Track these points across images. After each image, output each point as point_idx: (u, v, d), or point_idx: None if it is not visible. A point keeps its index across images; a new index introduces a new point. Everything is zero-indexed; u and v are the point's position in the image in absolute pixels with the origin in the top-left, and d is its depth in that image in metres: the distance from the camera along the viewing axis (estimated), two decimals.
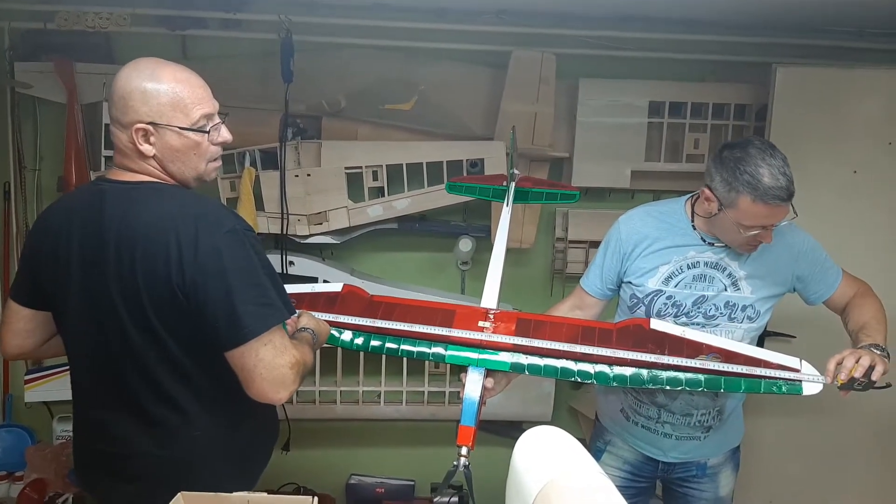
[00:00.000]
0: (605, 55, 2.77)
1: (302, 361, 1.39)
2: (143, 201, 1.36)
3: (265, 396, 1.34)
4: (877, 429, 2.75)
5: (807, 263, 1.84)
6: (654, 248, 1.82)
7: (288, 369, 1.34)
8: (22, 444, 2.85)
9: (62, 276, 1.41)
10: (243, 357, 1.32)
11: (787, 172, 1.69)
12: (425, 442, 3.02)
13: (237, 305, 1.30)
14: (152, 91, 1.33)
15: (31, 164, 2.80)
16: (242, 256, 1.33)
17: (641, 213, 1.89)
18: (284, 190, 2.66)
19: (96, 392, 1.47)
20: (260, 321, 1.31)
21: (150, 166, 1.39)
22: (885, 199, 2.64)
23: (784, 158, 1.71)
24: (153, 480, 1.42)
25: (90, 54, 2.64)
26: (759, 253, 1.77)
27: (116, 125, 1.37)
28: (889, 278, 2.66)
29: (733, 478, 2.02)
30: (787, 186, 1.68)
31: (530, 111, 2.69)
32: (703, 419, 1.86)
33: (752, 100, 2.78)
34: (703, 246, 1.79)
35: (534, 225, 2.85)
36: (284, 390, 1.35)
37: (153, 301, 1.33)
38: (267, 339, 1.32)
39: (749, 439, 2.74)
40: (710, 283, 1.79)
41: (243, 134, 2.63)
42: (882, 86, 2.61)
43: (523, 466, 0.90)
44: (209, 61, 2.68)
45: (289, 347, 1.36)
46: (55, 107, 2.70)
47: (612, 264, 1.89)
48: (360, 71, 2.71)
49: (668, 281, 1.81)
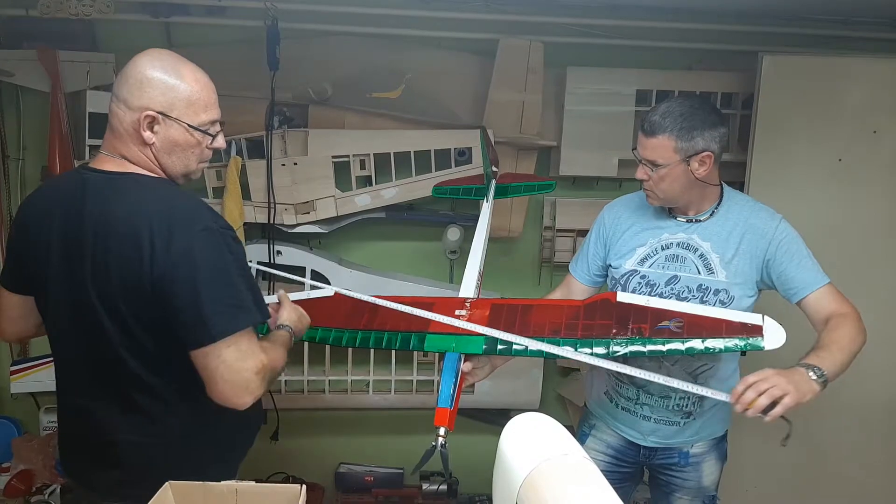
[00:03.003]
0: (593, 43, 2.76)
1: (269, 367, 1.37)
2: (122, 193, 1.35)
3: (226, 400, 1.33)
4: (863, 417, 2.78)
5: (781, 252, 1.77)
6: (633, 230, 1.87)
7: (252, 374, 1.33)
8: (8, 436, 2.83)
9: (42, 262, 1.42)
10: (206, 358, 1.30)
11: (671, 110, 1.69)
12: (414, 430, 3.01)
13: (205, 305, 1.29)
14: (172, 84, 1.37)
15: (14, 154, 2.76)
16: (216, 255, 1.32)
17: (625, 199, 1.95)
18: (271, 179, 2.64)
19: (76, 379, 1.47)
20: (227, 322, 1.30)
21: (142, 154, 1.40)
22: (870, 187, 2.65)
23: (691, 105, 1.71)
24: (137, 466, 1.42)
25: (74, 42, 2.60)
26: (727, 233, 1.77)
27: (123, 105, 1.37)
28: (874, 265, 2.70)
29: (718, 467, 1.99)
30: (654, 119, 1.70)
31: (518, 100, 2.68)
32: (681, 403, 1.86)
33: (738, 88, 2.78)
34: (675, 226, 1.82)
35: (522, 214, 2.85)
36: (247, 395, 1.33)
37: (127, 294, 1.33)
38: (232, 342, 1.30)
39: (735, 427, 2.79)
40: (683, 263, 1.80)
41: (229, 123, 2.57)
42: (867, 74, 2.62)
43: (510, 453, 0.90)
44: (193, 49, 2.63)
45: (256, 352, 1.34)
46: (38, 95, 2.66)
47: (596, 250, 1.95)
48: (347, 59, 2.69)
49: (643, 262, 1.84)
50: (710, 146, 1.70)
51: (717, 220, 1.80)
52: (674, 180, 1.73)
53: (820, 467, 2.81)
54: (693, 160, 1.70)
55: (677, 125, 1.68)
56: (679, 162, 1.70)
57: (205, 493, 1.15)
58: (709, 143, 1.69)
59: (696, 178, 1.72)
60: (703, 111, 1.71)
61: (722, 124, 1.74)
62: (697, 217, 1.82)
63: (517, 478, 0.84)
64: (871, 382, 2.76)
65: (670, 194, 1.76)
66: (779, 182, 2.66)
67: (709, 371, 1.84)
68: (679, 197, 1.78)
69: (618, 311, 1.64)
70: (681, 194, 1.77)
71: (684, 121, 1.68)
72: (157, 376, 1.40)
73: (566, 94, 2.75)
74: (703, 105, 1.74)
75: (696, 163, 1.70)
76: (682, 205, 1.81)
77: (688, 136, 1.68)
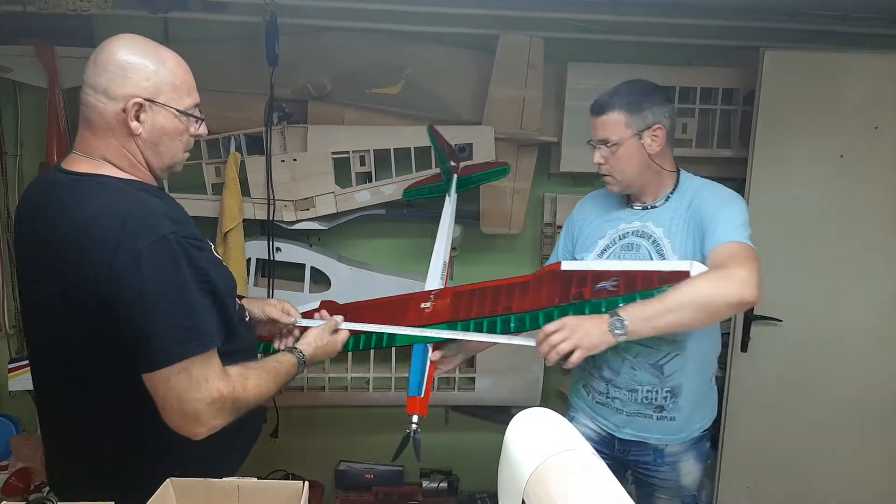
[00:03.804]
0: (594, 39, 2.75)
1: (233, 397, 1.25)
2: (82, 197, 1.25)
3: (178, 428, 1.23)
4: (864, 413, 2.78)
5: (705, 214, 1.70)
6: (595, 223, 1.91)
7: (204, 405, 1.22)
8: (6, 434, 2.83)
9: (20, 264, 1.38)
10: (154, 383, 1.20)
11: (618, 90, 1.76)
12: None
13: (150, 326, 1.17)
14: (155, 69, 1.28)
15: (11, 150, 2.75)
16: (168, 270, 1.19)
17: (593, 195, 1.99)
18: (270, 175, 2.63)
19: (50, 390, 1.40)
20: (174, 347, 1.18)
21: (123, 150, 1.30)
22: (871, 183, 2.65)
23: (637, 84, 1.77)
24: (119, 481, 1.26)
25: (71, 38, 2.59)
26: (679, 217, 1.76)
27: (103, 96, 1.26)
28: (876, 261, 2.70)
29: (697, 467, 1.94)
30: (603, 100, 1.77)
31: (518, 95, 2.67)
32: (650, 396, 1.84)
33: (739, 84, 2.77)
34: (631, 215, 1.84)
35: (522, 210, 2.84)
36: (198, 426, 1.23)
37: (82, 306, 1.22)
38: (182, 368, 1.19)
39: (734, 423, 2.79)
40: (637, 251, 1.80)
41: (228, 119, 2.62)
42: (869, 70, 2.61)
43: (516, 448, 0.89)
44: (192, 44, 2.63)
45: (211, 379, 1.22)
46: (36, 91, 2.65)
47: (566, 245, 2.00)
48: (347, 54, 2.68)
49: (602, 253, 1.86)
50: (661, 119, 1.74)
51: (671, 205, 1.80)
52: (629, 158, 1.76)
53: (820, 463, 2.81)
54: (645, 134, 1.74)
55: (625, 100, 1.74)
56: (631, 136, 1.74)
57: (206, 490, 1.14)
58: (659, 116, 1.74)
59: (650, 154, 1.75)
60: (648, 88, 1.77)
61: (669, 102, 1.80)
62: (653, 204, 1.83)
63: (524, 473, 0.84)
64: (872, 378, 2.76)
65: (627, 175, 1.79)
66: (780, 179, 2.66)
67: (673, 361, 1.80)
68: (636, 178, 1.80)
69: (562, 280, 1.70)
70: (637, 175, 1.79)
71: (632, 96, 1.75)
72: (130, 386, 1.27)
73: (567, 90, 2.74)
74: (649, 84, 1.80)
75: (649, 137, 1.74)
76: (639, 189, 1.82)
77: (637, 110, 1.73)
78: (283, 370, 1.46)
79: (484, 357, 2.86)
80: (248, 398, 1.31)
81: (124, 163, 1.31)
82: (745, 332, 2.74)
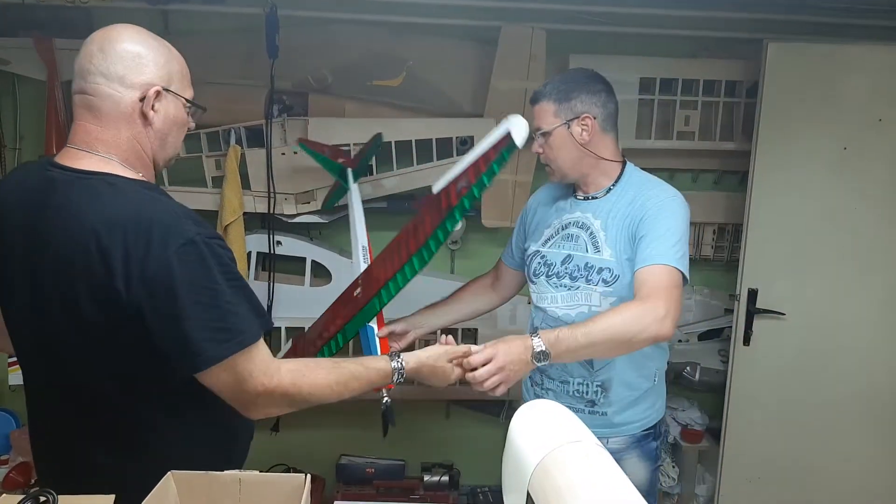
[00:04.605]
0: (596, 31, 2.74)
1: (279, 391, 1.24)
2: (94, 198, 1.18)
3: (243, 414, 1.28)
4: (865, 407, 2.77)
5: (643, 225, 1.68)
6: (543, 213, 1.91)
7: (253, 397, 1.23)
8: (7, 428, 2.83)
9: (6, 271, 1.27)
10: (207, 380, 1.21)
11: (554, 79, 1.78)
12: (415, 422, 3.01)
13: (190, 332, 1.16)
14: (167, 58, 1.26)
15: (10, 144, 2.74)
16: (199, 274, 1.16)
17: (547, 186, 1.97)
18: (271, 168, 2.62)
19: (44, 401, 1.36)
20: (212, 350, 1.18)
21: (134, 142, 1.25)
22: (874, 176, 2.64)
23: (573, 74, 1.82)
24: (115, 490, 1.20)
25: (70, 30, 2.58)
26: (617, 210, 1.74)
27: (117, 84, 1.21)
28: (879, 254, 2.69)
29: (643, 468, 1.85)
30: (538, 89, 1.79)
31: (520, 87, 2.65)
32: (581, 389, 1.81)
33: (743, 76, 2.76)
34: (574, 205, 1.83)
35: (523, 204, 2.82)
36: (255, 412, 1.26)
37: (98, 313, 1.18)
38: (225, 367, 1.19)
39: (734, 415, 2.79)
40: (576, 242, 1.79)
41: (228, 111, 2.60)
42: (872, 62, 2.60)
43: (521, 439, 0.88)
44: (192, 36, 2.62)
45: (255, 374, 1.22)
46: (35, 84, 2.64)
47: (519, 233, 2.02)
48: (347, 46, 2.66)
49: (546, 242, 1.86)
50: (590, 109, 1.73)
51: (611, 197, 1.78)
52: (560, 147, 1.75)
53: (822, 457, 2.81)
54: (574, 124, 1.73)
55: (554, 90, 1.74)
56: (560, 125, 1.73)
57: (208, 484, 1.12)
58: (588, 106, 1.73)
59: (581, 143, 1.73)
60: (583, 78, 1.77)
61: (605, 92, 1.76)
62: (595, 195, 1.81)
63: (529, 464, 0.83)
64: (875, 371, 2.76)
65: (562, 164, 1.78)
66: (783, 171, 2.65)
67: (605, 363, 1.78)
68: (572, 168, 1.78)
69: (435, 201, 1.77)
70: (572, 165, 1.77)
71: (562, 84, 1.75)
72: (131, 396, 1.26)
73: None
74: (585, 74, 1.79)
75: (578, 126, 1.73)
76: (577, 179, 1.81)
77: (565, 99, 1.73)
78: (365, 375, 1.41)
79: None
80: (302, 396, 1.29)
81: (132, 157, 1.26)
82: (748, 325, 2.74)
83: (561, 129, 1.73)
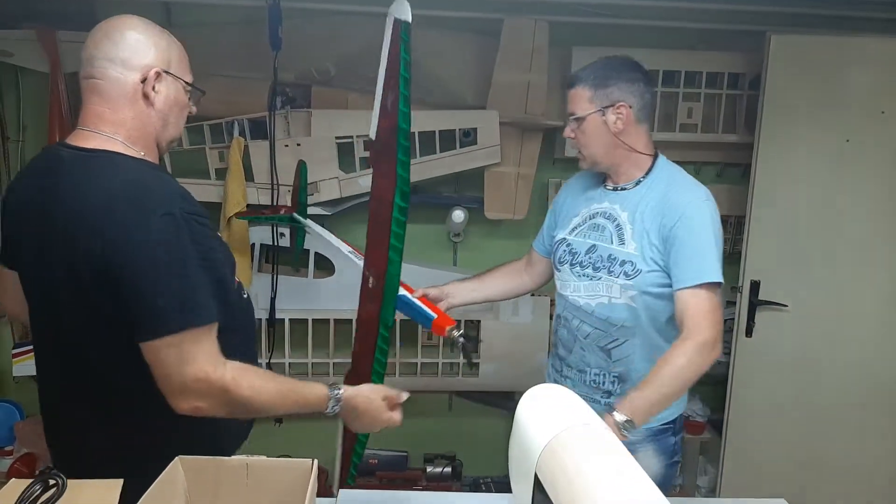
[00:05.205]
0: (599, 23, 2.74)
1: (219, 384, 1.23)
2: (96, 174, 1.27)
3: (167, 398, 1.23)
4: (867, 399, 2.78)
5: (677, 235, 1.64)
6: (573, 201, 1.89)
7: (189, 382, 1.21)
8: (11, 420, 2.84)
9: (21, 240, 1.36)
10: (147, 353, 1.21)
11: (592, 64, 1.74)
12: (418, 413, 3.02)
13: (147, 297, 1.19)
14: (166, 43, 1.35)
15: (14, 136, 2.74)
16: (174, 243, 1.21)
17: (580, 174, 1.94)
18: (274, 160, 2.62)
19: (49, 370, 1.41)
20: (171, 316, 1.19)
21: (137, 121, 1.32)
22: (877, 168, 2.64)
23: (612, 61, 1.75)
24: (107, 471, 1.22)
25: (73, 22, 2.57)
26: (645, 204, 1.72)
27: (120, 67, 1.30)
28: (881, 246, 2.69)
29: (658, 462, 1.81)
30: (575, 73, 1.76)
31: (523, 80, 2.66)
32: (598, 379, 1.80)
33: (745, 68, 2.76)
34: (602, 195, 1.81)
35: (526, 196, 2.83)
36: (183, 402, 1.22)
37: (91, 283, 1.23)
38: (172, 342, 1.20)
39: (736, 406, 2.80)
40: (602, 232, 1.77)
41: (231, 103, 2.61)
42: (875, 54, 2.60)
43: (529, 422, 0.89)
44: (195, 29, 2.62)
45: (200, 359, 1.21)
46: (38, 76, 2.64)
47: (549, 222, 2.00)
48: (350, 38, 2.66)
49: (573, 231, 1.85)
50: (626, 98, 1.69)
51: (640, 189, 1.75)
52: (592, 134, 1.72)
53: (823, 448, 2.82)
54: (609, 112, 1.69)
55: (592, 75, 1.71)
56: (594, 112, 1.70)
57: (216, 468, 1.14)
58: (624, 94, 1.69)
59: (614, 133, 1.70)
60: (622, 65, 1.73)
61: (643, 81, 1.73)
62: (624, 186, 1.78)
63: (537, 446, 0.83)
64: (877, 362, 2.76)
65: (593, 151, 1.75)
66: (786, 163, 2.65)
67: (622, 346, 1.76)
68: (603, 156, 1.75)
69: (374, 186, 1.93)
70: (604, 154, 1.75)
71: (600, 70, 1.71)
72: (122, 372, 1.29)
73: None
74: (624, 62, 1.75)
75: (612, 114, 1.69)
76: (608, 168, 1.79)
77: (602, 86, 1.69)
78: (303, 395, 1.38)
79: (488, 343, 2.86)
80: (241, 395, 1.26)
81: (136, 136, 1.33)
82: (750, 317, 2.74)
83: (595, 116, 1.70)
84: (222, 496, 1.14)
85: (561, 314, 1.87)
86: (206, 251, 1.26)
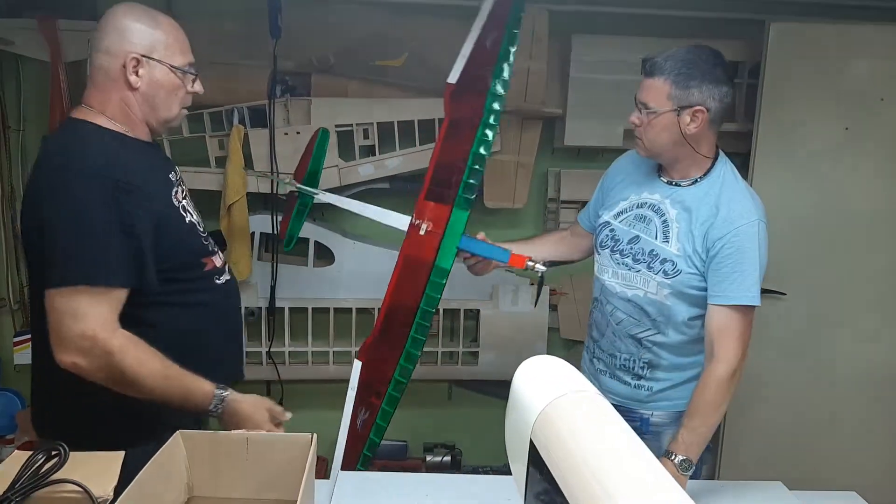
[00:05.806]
0: (599, 11, 2.73)
1: (104, 347, 1.27)
2: (53, 139, 1.45)
3: (53, 351, 1.29)
4: (867, 389, 2.79)
5: (723, 252, 1.62)
6: (624, 184, 1.85)
7: (79, 337, 1.27)
8: (12, 408, 2.84)
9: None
10: (50, 300, 1.29)
11: (676, 54, 1.62)
12: (418, 403, 3.01)
13: (53, 250, 1.29)
14: (151, 30, 1.44)
15: (14, 125, 2.75)
16: (97, 205, 1.29)
17: (633, 153, 1.87)
18: (274, 148, 2.63)
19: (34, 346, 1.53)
20: (66, 271, 1.27)
21: (123, 104, 1.44)
22: (876, 155, 2.64)
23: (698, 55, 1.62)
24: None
25: (74, 10, 2.58)
26: (697, 207, 1.68)
27: (104, 54, 1.42)
28: (881, 235, 2.70)
29: None
30: (657, 61, 1.64)
31: (523, 68, 2.66)
32: (627, 364, 1.81)
33: (745, 57, 2.76)
34: (655, 186, 1.77)
35: (526, 185, 2.83)
36: (64, 355, 1.28)
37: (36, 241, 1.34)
38: (67, 293, 1.27)
39: (734, 397, 2.79)
40: (647, 225, 1.74)
41: (231, 91, 2.61)
42: (874, 42, 2.60)
43: (524, 390, 0.89)
44: (195, 17, 2.60)
45: (91, 318, 1.26)
46: (39, 65, 2.64)
47: (597, 197, 1.96)
48: (350, 26, 2.66)
49: (618, 216, 1.82)
50: (706, 102, 1.60)
51: (696, 190, 1.70)
52: (661, 130, 1.64)
53: (823, 436, 2.83)
54: (685, 112, 1.61)
55: (675, 70, 1.60)
56: (670, 110, 1.61)
57: (215, 443, 1.15)
58: (705, 97, 1.60)
59: (685, 134, 1.63)
60: (707, 64, 1.60)
61: (726, 83, 1.63)
62: (680, 182, 1.73)
63: (532, 413, 0.84)
64: (876, 351, 2.77)
65: (656, 144, 1.68)
66: (785, 151, 2.65)
67: (653, 336, 1.77)
68: (664, 151, 1.69)
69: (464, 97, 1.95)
70: (666, 149, 1.68)
71: (684, 67, 1.59)
72: None
73: (571, 62, 2.72)
74: (710, 58, 1.62)
75: (688, 116, 1.61)
76: (666, 161, 1.74)
77: (685, 85, 1.59)
78: (188, 386, 1.39)
79: (487, 332, 2.87)
80: (123, 363, 1.29)
81: (119, 114, 1.44)
82: None
83: (670, 115, 1.61)
84: (222, 470, 1.15)
85: (597, 297, 1.88)
86: (125, 218, 1.32)
